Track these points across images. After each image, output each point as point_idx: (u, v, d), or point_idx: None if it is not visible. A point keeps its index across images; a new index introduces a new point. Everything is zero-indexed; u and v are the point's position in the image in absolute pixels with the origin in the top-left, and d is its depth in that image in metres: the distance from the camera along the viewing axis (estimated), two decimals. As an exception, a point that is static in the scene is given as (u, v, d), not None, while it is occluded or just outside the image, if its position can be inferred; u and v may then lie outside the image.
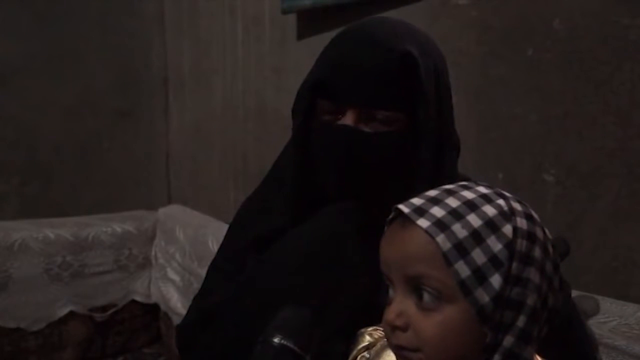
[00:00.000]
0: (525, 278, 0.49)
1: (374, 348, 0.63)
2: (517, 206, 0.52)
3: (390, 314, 0.52)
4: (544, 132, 1.03)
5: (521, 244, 0.50)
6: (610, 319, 0.84)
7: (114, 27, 2.20)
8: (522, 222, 0.51)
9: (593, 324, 0.84)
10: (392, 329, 0.52)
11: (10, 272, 1.74)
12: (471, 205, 0.51)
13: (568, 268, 0.87)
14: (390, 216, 0.55)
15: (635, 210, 0.92)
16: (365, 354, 0.63)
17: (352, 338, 0.66)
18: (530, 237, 0.50)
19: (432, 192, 0.53)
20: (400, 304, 0.52)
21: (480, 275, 0.48)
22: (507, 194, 0.53)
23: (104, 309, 1.90)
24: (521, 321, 0.49)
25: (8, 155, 2.03)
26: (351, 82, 0.71)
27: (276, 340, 0.57)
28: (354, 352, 0.64)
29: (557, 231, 0.93)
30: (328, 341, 0.66)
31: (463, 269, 0.48)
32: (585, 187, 0.98)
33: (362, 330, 0.66)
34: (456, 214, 0.50)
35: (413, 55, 0.70)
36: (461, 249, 0.49)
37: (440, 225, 0.49)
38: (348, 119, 0.71)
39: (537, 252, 0.50)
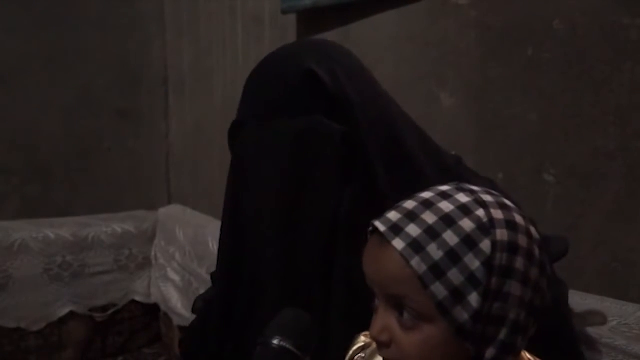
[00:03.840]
0: (506, 292, 0.48)
1: (369, 349, 0.63)
2: (497, 215, 0.50)
3: (374, 329, 0.53)
4: (544, 132, 1.03)
5: (501, 258, 0.48)
6: (610, 319, 0.84)
7: (114, 27, 2.20)
8: (502, 234, 0.49)
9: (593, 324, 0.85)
10: (377, 343, 0.53)
11: (10, 272, 1.74)
12: (448, 221, 0.49)
13: (568, 268, 0.87)
14: (370, 229, 0.53)
15: (635, 210, 0.92)
16: (362, 354, 0.64)
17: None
18: (512, 248, 0.49)
19: (410, 204, 0.52)
20: (384, 319, 0.52)
21: (457, 295, 0.47)
22: (489, 200, 0.51)
23: (104, 309, 1.90)
24: (503, 334, 0.49)
25: (8, 155, 2.03)
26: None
27: (275, 341, 0.57)
28: (350, 353, 0.64)
29: (557, 231, 0.93)
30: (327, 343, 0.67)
31: (440, 291, 0.47)
32: (585, 187, 0.98)
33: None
34: (432, 233, 0.48)
35: (313, 71, 0.73)
36: (437, 270, 0.47)
37: (416, 246, 0.48)
38: None
39: (518, 263, 0.49)
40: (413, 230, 0.49)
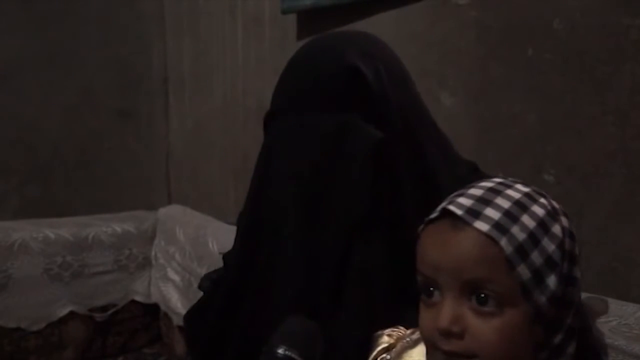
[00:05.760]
0: (574, 277, 0.50)
1: (394, 349, 0.61)
2: (555, 204, 0.53)
3: (443, 320, 0.50)
4: (544, 132, 1.03)
5: (569, 244, 0.50)
6: (610, 319, 0.83)
7: (114, 27, 2.20)
8: (565, 221, 0.51)
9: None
10: (446, 336, 0.50)
11: (10, 272, 1.74)
12: (521, 206, 0.50)
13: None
14: (433, 216, 0.53)
15: (635, 210, 0.92)
16: (386, 355, 0.62)
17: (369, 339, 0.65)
18: (572, 235, 0.51)
19: (476, 191, 0.52)
20: (454, 309, 0.50)
21: (538, 277, 0.48)
22: (544, 192, 0.54)
23: (104, 309, 1.89)
24: (570, 318, 0.50)
25: (8, 155, 2.03)
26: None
27: (280, 350, 0.56)
28: (374, 354, 0.63)
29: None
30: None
31: (525, 272, 0.48)
32: (585, 187, 0.98)
33: (380, 331, 0.64)
34: (511, 216, 0.49)
35: (358, 68, 0.70)
36: (522, 251, 0.48)
37: (500, 228, 0.48)
38: None
39: (577, 250, 0.51)
40: (492, 213, 0.49)
